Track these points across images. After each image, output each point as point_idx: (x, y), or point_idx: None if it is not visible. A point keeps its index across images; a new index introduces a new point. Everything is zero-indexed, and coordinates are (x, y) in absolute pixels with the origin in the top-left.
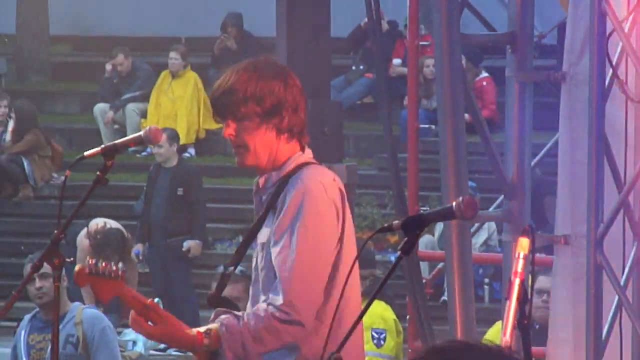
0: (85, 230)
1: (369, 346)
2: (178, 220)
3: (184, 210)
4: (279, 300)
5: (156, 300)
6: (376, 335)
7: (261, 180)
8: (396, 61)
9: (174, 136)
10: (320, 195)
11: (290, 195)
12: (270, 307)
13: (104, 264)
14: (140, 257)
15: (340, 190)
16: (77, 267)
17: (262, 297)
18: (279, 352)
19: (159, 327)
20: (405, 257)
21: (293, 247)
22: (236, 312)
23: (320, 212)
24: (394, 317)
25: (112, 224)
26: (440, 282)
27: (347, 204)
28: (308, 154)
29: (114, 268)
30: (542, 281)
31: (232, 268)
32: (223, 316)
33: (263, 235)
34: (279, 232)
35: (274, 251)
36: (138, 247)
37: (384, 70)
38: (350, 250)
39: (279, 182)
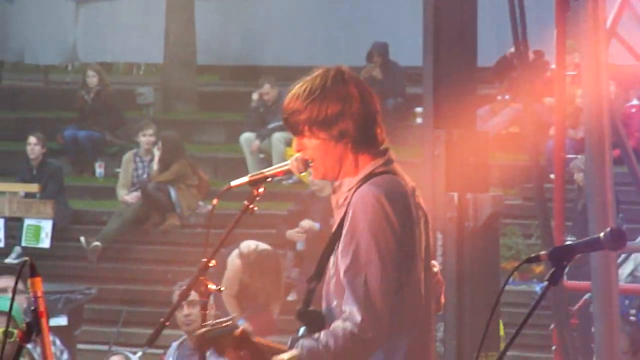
0: (236, 251)
1: None
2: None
3: None
4: (356, 317)
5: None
6: None
7: (336, 183)
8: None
9: None
10: (378, 211)
11: (352, 210)
12: (348, 323)
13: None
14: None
15: (406, 205)
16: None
17: (335, 302)
18: None
19: (245, 353)
20: (552, 288)
21: (360, 264)
22: (314, 336)
23: (379, 228)
24: None
25: (264, 246)
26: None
27: (420, 215)
28: (386, 163)
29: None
30: None
31: (315, 282)
32: (301, 341)
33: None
34: (345, 248)
35: (342, 267)
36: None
37: (529, 100)
38: (419, 267)
39: (353, 190)
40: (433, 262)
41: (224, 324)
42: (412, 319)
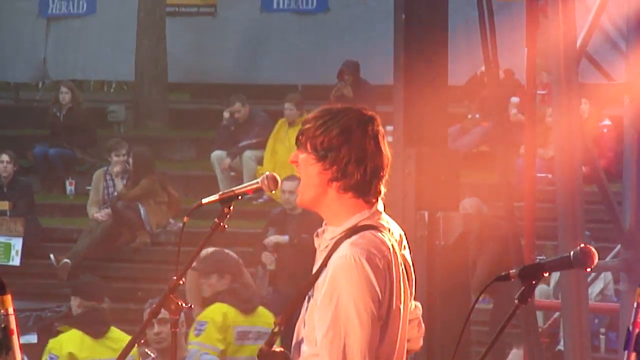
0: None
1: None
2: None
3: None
4: None
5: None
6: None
7: (320, 229)
8: (512, 110)
9: None
10: (359, 275)
11: (332, 269)
12: None
13: None
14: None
15: (388, 264)
16: None
17: (305, 347)
18: None
19: None
20: (522, 306)
21: (339, 328)
22: None
23: (359, 292)
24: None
25: (216, 248)
26: (556, 331)
27: (403, 269)
28: (372, 215)
29: None
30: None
31: (280, 327)
32: None
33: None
34: (323, 308)
35: (320, 328)
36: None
37: (500, 119)
38: (397, 324)
39: (335, 240)
40: (416, 303)
41: None
42: None
